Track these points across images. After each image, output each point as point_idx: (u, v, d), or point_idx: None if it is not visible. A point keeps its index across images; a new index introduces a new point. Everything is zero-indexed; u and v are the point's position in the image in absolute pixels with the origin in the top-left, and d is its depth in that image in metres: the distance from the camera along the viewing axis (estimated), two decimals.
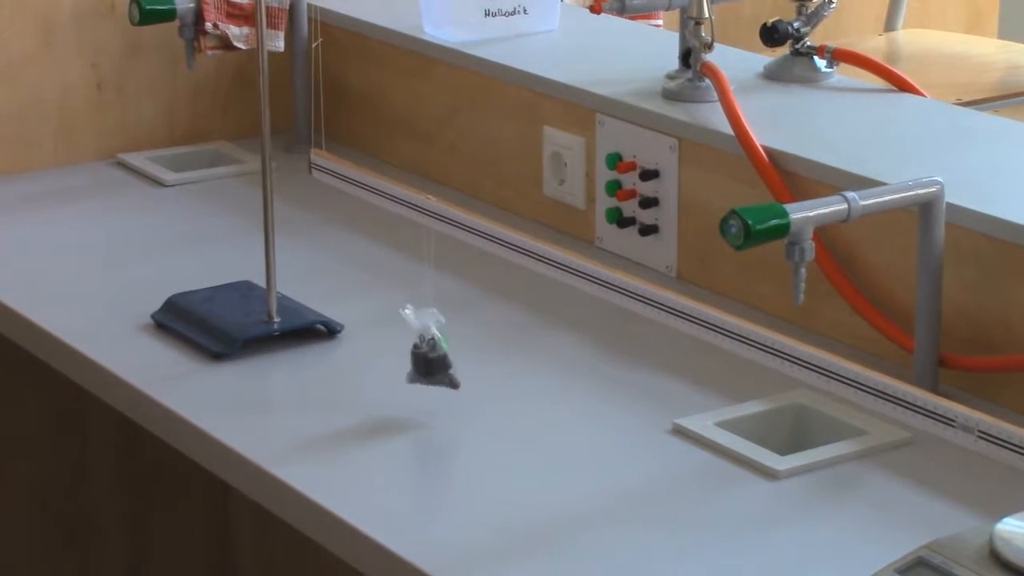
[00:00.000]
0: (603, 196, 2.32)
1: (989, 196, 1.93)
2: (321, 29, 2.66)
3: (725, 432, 1.83)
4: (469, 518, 1.71)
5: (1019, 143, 2.22)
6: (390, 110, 2.68)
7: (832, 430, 1.84)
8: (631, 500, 1.74)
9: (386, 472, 1.81)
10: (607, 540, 1.65)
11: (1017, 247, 1.87)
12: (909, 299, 1.93)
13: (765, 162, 2.09)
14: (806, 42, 2.36)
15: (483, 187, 2.51)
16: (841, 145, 2.12)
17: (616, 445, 1.85)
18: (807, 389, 1.93)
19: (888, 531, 1.62)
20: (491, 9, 2.59)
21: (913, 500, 1.71)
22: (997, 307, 1.90)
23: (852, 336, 2.02)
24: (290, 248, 2.17)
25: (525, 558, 1.63)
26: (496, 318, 2.14)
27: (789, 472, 1.76)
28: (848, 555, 1.53)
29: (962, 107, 2.49)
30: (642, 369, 2.00)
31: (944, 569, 1.35)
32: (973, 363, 1.91)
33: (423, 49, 2.60)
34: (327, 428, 1.87)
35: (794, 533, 1.67)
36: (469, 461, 1.85)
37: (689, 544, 1.65)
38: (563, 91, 2.38)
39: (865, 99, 2.33)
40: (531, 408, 1.93)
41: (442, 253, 2.31)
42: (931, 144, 2.17)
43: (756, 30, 2.38)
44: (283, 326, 2.06)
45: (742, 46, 2.45)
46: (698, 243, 2.21)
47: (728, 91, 2.17)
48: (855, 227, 1.92)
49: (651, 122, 2.26)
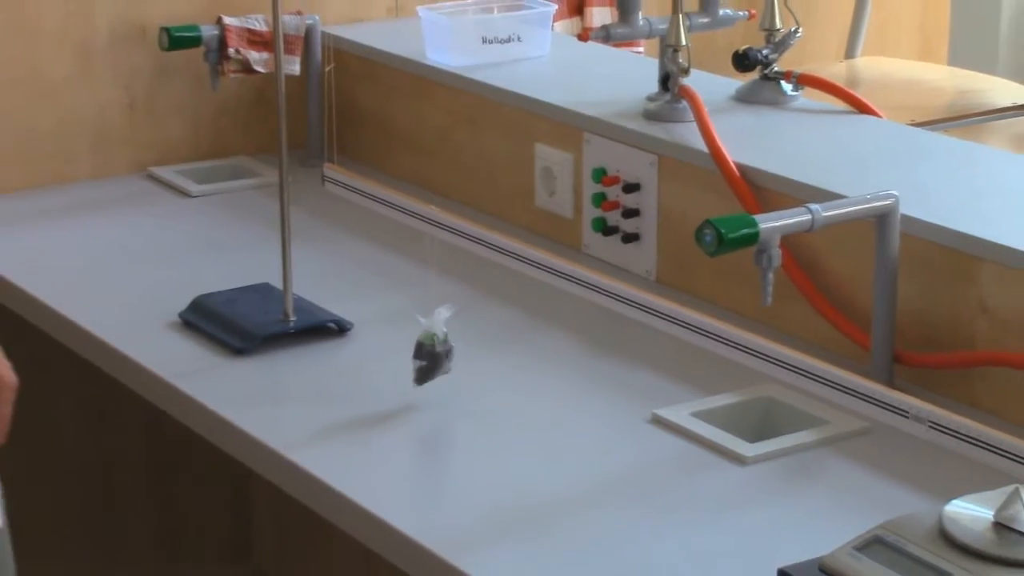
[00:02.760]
0: (589, 207, 2.32)
1: (939, 208, 1.94)
2: (333, 55, 2.66)
3: (700, 422, 1.83)
4: (467, 500, 1.71)
5: (967, 160, 2.22)
6: (396, 128, 2.68)
7: (797, 420, 1.85)
8: (614, 483, 1.74)
9: (392, 457, 1.81)
10: (592, 519, 1.66)
11: (964, 254, 1.87)
12: (867, 301, 1.93)
13: (736, 177, 2.10)
14: (774, 68, 2.37)
15: (480, 198, 2.51)
16: (805, 161, 2.12)
17: (601, 433, 1.85)
18: (774, 383, 1.93)
19: (847, 512, 1.62)
20: (487, 36, 2.59)
21: (870, 484, 1.71)
22: (946, 309, 1.90)
23: (815, 335, 2.02)
24: (305, 253, 2.17)
25: (518, 536, 1.63)
26: (492, 318, 2.14)
27: (757, 458, 1.76)
28: (811, 533, 1.54)
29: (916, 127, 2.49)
30: (624, 364, 2.00)
31: (898, 547, 1.35)
32: (925, 360, 1.91)
33: (426, 73, 2.61)
34: (339, 417, 1.87)
35: (762, 513, 1.67)
36: (467, 448, 1.85)
37: (666, 523, 1.65)
38: (553, 111, 2.39)
39: (828, 120, 2.34)
40: (524, 400, 1.93)
41: (443, 258, 2.31)
42: (887, 161, 2.18)
43: (729, 57, 2.38)
44: (298, 324, 2.06)
45: (716, 71, 2.46)
46: (676, 250, 2.21)
47: (703, 112, 2.17)
48: (818, 236, 1.92)
49: (633, 140, 2.26)
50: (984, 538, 1.34)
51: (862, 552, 1.35)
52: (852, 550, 1.36)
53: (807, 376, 1.91)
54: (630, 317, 2.12)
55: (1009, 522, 1.34)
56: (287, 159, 2.08)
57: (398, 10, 2.87)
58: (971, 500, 1.39)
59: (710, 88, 2.30)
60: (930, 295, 1.92)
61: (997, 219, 1.91)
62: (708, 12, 2.45)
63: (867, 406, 1.85)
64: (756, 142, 2.19)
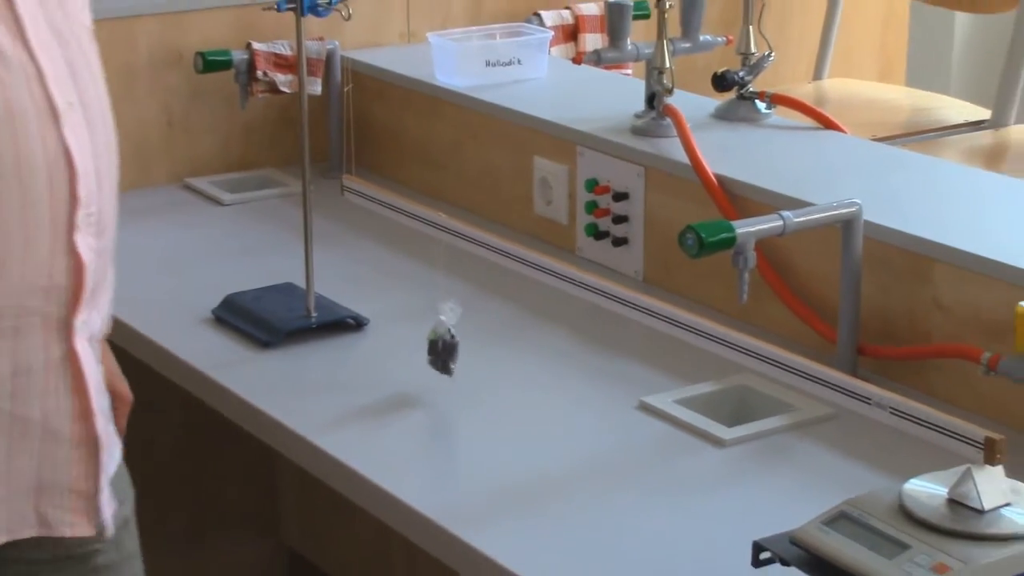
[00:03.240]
0: (583, 214, 2.32)
1: (899, 215, 1.94)
2: (351, 76, 2.67)
3: (682, 408, 1.83)
4: (472, 479, 1.71)
5: (924, 172, 2.22)
6: (408, 142, 2.68)
7: (770, 406, 1.84)
8: (605, 463, 1.74)
9: (405, 440, 1.81)
10: (585, 496, 1.66)
11: (921, 256, 1.87)
12: (833, 299, 1.93)
13: (715, 186, 2.10)
14: (749, 88, 2.37)
15: (484, 206, 2.51)
16: (778, 173, 2.12)
17: (593, 419, 1.85)
18: (750, 373, 1.93)
19: (816, 489, 1.62)
20: (491, 60, 2.59)
21: (836, 464, 1.71)
22: (905, 306, 1.90)
23: (786, 329, 2.02)
24: (325, 256, 2.17)
25: (518, 512, 1.63)
26: (494, 314, 2.14)
27: (734, 441, 1.76)
28: (783, 509, 1.53)
29: (877, 142, 2.49)
30: (614, 356, 2.00)
31: (861, 521, 1.34)
32: (886, 352, 1.91)
33: (435, 93, 2.60)
34: (356, 404, 1.87)
35: (738, 491, 1.67)
36: (472, 432, 1.84)
37: (652, 499, 1.65)
38: (550, 127, 2.38)
39: (798, 135, 2.33)
40: (523, 389, 1.93)
41: (450, 260, 2.31)
42: (851, 172, 2.17)
43: (708, 78, 2.38)
44: (319, 320, 2.06)
45: (697, 91, 2.45)
46: (661, 253, 2.21)
47: (686, 128, 2.17)
48: (789, 240, 1.92)
49: (622, 153, 2.26)
50: (939, 513, 1.34)
51: (829, 526, 1.35)
52: (820, 524, 1.36)
53: (779, 367, 1.91)
54: (619, 314, 2.12)
55: (962, 499, 1.34)
56: (309, 171, 2.08)
57: (410, 36, 2.87)
58: (928, 479, 1.38)
59: (691, 107, 2.30)
60: (890, 293, 1.91)
61: (950, 225, 1.91)
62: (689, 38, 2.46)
63: (833, 394, 1.85)
64: (733, 155, 2.19)
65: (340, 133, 2.69)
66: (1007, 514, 1.33)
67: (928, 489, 1.37)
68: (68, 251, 1.32)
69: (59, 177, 1.30)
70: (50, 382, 1.35)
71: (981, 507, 1.33)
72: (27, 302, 1.31)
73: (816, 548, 1.34)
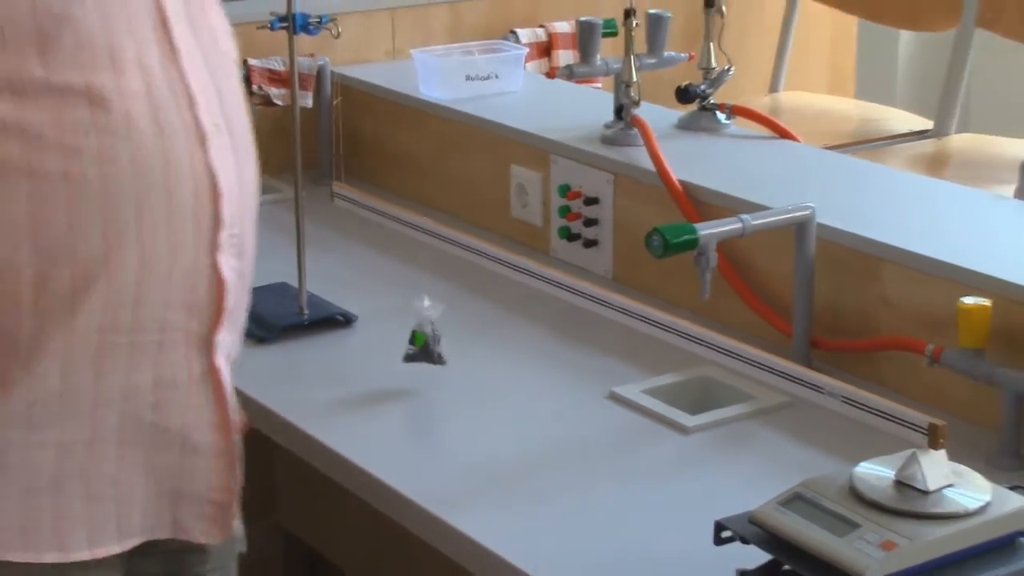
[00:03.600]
0: (556, 217, 2.31)
1: (849, 218, 1.94)
2: (341, 90, 2.66)
3: (649, 397, 1.83)
4: (453, 464, 1.71)
5: (872, 178, 2.22)
6: (393, 152, 2.67)
7: (730, 396, 1.84)
8: (578, 449, 1.73)
9: (391, 428, 1.81)
10: (560, 480, 1.65)
11: (870, 256, 1.87)
12: (788, 296, 1.93)
13: (679, 191, 2.09)
14: (710, 100, 2.37)
15: (465, 210, 2.51)
16: (737, 179, 2.12)
17: (566, 407, 1.85)
18: (712, 364, 1.93)
19: (772, 473, 1.62)
20: (471, 74, 2.59)
21: (792, 449, 1.71)
22: (855, 302, 1.90)
23: (745, 324, 2.02)
24: (316, 258, 2.16)
25: (496, 494, 1.62)
26: (475, 311, 2.13)
27: (697, 428, 1.76)
28: (742, 491, 1.53)
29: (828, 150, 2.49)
30: (586, 350, 2.00)
31: (815, 502, 1.34)
32: (837, 345, 1.91)
33: (419, 105, 2.60)
34: (346, 395, 1.87)
35: (701, 474, 1.67)
36: (454, 420, 1.84)
37: (622, 482, 1.65)
38: (525, 137, 2.38)
39: (755, 144, 2.34)
40: (501, 380, 1.93)
41: (434, 261, 2.31)
42: (805, 178, 2.18)
43: (672, 91, 2.38)
44: (311, 317, 2.05)
45: (662, 104, 2.45)
46: (629, 253, 2.21)
47: (651, 138, 2.17)
48: (748, 241, 1.92)
49: (593, 161, 2.25)
50: (887, 494, 1.34)
51: (785, 506, 1.35)
52: (777, 505, 1.36)
53: (739, 359, 1.91)
54: (591, 311, 2.12)
55: (908, 480, 1.34)
56: (301, 178, 2.07)
57: (395, 53, 2.86)
58: (876, 462, 1.38)
59: (657, 118, 2.30)
60: (841, 290, 1.92)
61: (897, 227, 1.91)
62: (655, 54, 2.46)
63: (789, 384, 1.85)
64: (695, 163, 2.18)
65: (330, 143, 2.69)
66: (949, 494, 1.34)
67: (877, 472, 1.37)
68: (211, 270, 1.29)
69: (204, 196, 1.27)
70: (192, 396, 1.32)
71: (926, 488, 1.33)
72: (170, 316, 1.27)
73: (773, 527, 1.34)
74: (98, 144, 1.20)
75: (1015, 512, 1.33)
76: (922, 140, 3.07)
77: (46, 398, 1.25)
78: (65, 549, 1.30)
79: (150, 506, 1.34)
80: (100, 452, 1.29)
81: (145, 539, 1.35)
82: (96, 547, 1.31)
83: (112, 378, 1.27)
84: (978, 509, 1.32)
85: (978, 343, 1.69)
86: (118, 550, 1.33)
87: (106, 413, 1.28)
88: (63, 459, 1.28)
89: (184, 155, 1.25)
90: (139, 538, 1.34)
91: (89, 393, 1.26)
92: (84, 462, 1.29)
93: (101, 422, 1.28)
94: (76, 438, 1.27)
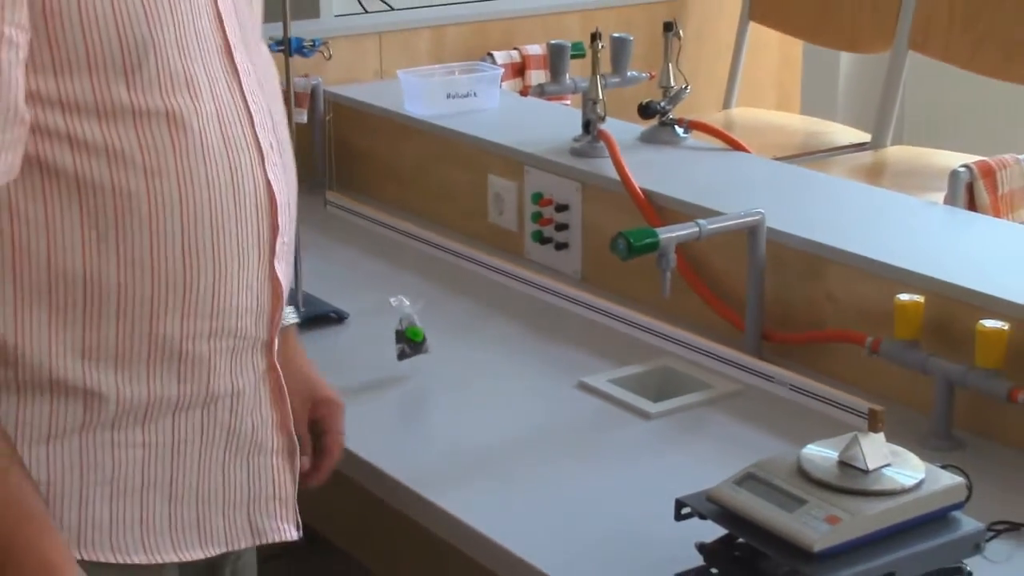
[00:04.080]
0: (529, 223, 2.31)
1: (796, 222, 1.94)
2: (332, 107, 2.65)
3: (615, 386, 1.82)
4: (436, 447, 1.70)
5: (816, 186, 2.22)
6: (381, 163, 2.66)
7: (689, 384, 1.84)
8: (550, 433, 1.73)
9: (380, 416, 1.80)
10: (532, 461, 1.65)
11: (815, 257, 1.87)
12: (741, 293, 1.93)
13: (642, 199, 2.09)
14: (670, 116, 2.36)
15: (446, 216, 2.50)
16: (694, 187, 2.12)
17: (539, 396, 1.84)
18: (671, 356, 1.92)
19: (728, 454, 1.62)
20: (451, 93, 2.58)
21: (745, 433, 1.71)
22: (802, 299, 1.90)
23: (702, 319, 2.02)
24: (311, 260, 2.15)
25: (476, 475, 1.62)
26: (456, 308, 2.13)
27: (659, 414, 1.75)
28: (700, 472, 1.53)
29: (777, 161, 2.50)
30: (557, 343, 1.99)
31: (766, 480, 1.34)
32: (786, 337, 1.91)
33: (404, 120, 2.59)
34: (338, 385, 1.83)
35: (662, 456, 1.66)
36: (437, 408, 1.83)
37: (590, 463, 1.65)
38: (501, 150, 2.37)
39: (710, 155, 2.33)
40: (480, 371, 1.92)
41: (418, 263, 2.30)
42: (756, 186, 2.17)
43: (635, 108, 2.38)
44: (307, 314, 2.04)
45: (625, 119, 2.45)
46: (596, 255, 2.20)
47: (616, 150, 2.16)
48: (704, 243, 1.92)
49: (563, 171, 2.25)
50: (831, 473, 1.33)
51: (739, 485, 1.35)
52: (732, 483, 1.35)
53: (696, 351, 1.91)
54: (561, 307, 2.11)
55: (850, 461, 1.34)
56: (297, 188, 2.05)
57: (383, 73, 2.85)
58: (821, 444, 1.38)
59: (621, 131, 2.30)
60: (789, 288, 1.91)
61: (839, 230, 1.91)
62: (619, 74, 2.46)
63: (742, 373, 1.84)
64: (656, 172, 2.18)
65: (323, 155, 2.67)
66: (888, 473, 1.33)
67: (822, 453, 1.37)
68: (270, 277, 1.28)
69: (264, 208, 1.25)
70: (258, 398, 1.30)
71: (866, 467, 1.33)
72: (240, 323, 1.25)
73: (729, 504, 1.34)
74: (177, 164, 1.19)
75: (947, 489, 1.33)
76: (861, 152, 3.08)
77: (134, 402, 1.22)
78: (151, 552, 1.26)
79: (229, 511, 1.31)
80: (182, 456, 1.26)
81: (228, 550, 1.31)
82: (182, 551, 1.28)
83: (193, 384, 1.24)
84: (913, 486, 1.32)
85: (912, 335, 1.69)
86: (202, 555, 1.29)
87: (188, 417, 1.25)
88: (149, 463, 1.24)
89: (248, 171, 1.24)
90: (223, 548, 1.30)
91: (172, 399, 1.23)
92: (168, 466, 1.25)
93: (183, 427, 1.25)
94: (162, 441, 1.25)
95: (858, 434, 1.36)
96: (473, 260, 2.27)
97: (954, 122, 3.81)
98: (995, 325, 1.62)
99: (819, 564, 1.26)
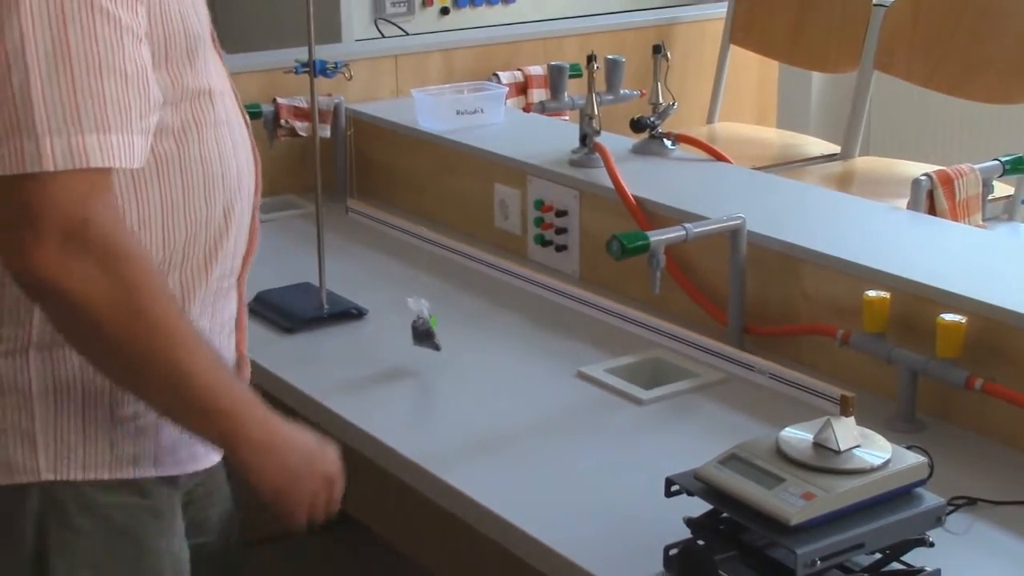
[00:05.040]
0: (532, 227, 2.30)
1: (774, 226, 1.93)
2: (353, 123, 2.65)
3: (610, 375, 1.82)
4: (448, 432, 1.69)
5: (792, 193, 2.22)
6: (398, 173, 2.66)
7: (678, 373, 1.84)
8: (550, 419, 1.72)
9: (396, 402, 1.79)
10: (534, 444, 1.64)
11: (791, 257, 1.87)
12: (724, 290, 1.93)
13: (634, 205, 2.09)
14: (659, 130, 2.36)
15: (456, 221, 2.49)
16: (681, 194, 2.11)
17: (541, 384, 1.84)
18: (662, 348, 1.92)
19: (713, 437, 1.62)
20: (460, 109, 2.58)
21: (728, 418, 1.71)
22: (779, 295, 1.90)
23: (689, 314, 2.01)
24: (334, 262, 2.15)
25: (482, 455, 1.62)
26: (465, 304, 2.12)
27: (651, 400, 1.75)
28: (687, 453, 1.52)
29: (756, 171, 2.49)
30: (558, 336, 1.99)
31: (748, 460, 1.34)
32: (765, 330, 1.90)
33: (418, 135, 2.58)
34: (358, 375, 1.85)
35: (654, 440, 1.66)
36: (447, 395, 1.83)
37: (588, 446, 1.64)
38: (506, 161, 2.37)
39: (696, 166, 2.33)
40: (487, 361, 1.91)
41: (430, 264, 2.29)
42: (737, 194, 2.17)
43: (628, 123, 2.37)
44: (330, 311, 2.04)
45: (618, 133, 2.44)
46: (592, 256, 2.20)
47: (611, 161, 2.16)
48: (691, 245, 1.91)
49: (562, 180, 2.24)
50: (807, 453, 1.33)
51: (724, 465, 1.34)
52: (717, 463, 1.35)
53: (684, 343, 1.90)
54: (561, 304, 2.11)
55: (824, 442, 1.34)
56: (321, 196, 2.06)
57: (398, 92, 2.85)
58: (798, 428, 1.38)
59: (615, 144, 2.29)
60: (768, 286, 1.91)
61: (813, 232, 1.91)
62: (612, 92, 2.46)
63: (726, 363, 1.84)
64: (647, 181, 2.18)
65: (345, 167, 2.67)
66: (858, 454, 1.33)
67: (798, 435, 1.36)
68: (251, 224, 1.37)
69: (254, 170, 1.36)
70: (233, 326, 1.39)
71: (838, 449, 1.32)
72: (235, 264, 1.35)
73: (714, 482, 1.33)
74: (216, 134, 1.28)
75: (911, 467, 1.33)
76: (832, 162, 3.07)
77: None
78: (198, 460, 1.35)
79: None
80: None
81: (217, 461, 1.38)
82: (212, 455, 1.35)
83: (222, 315, 1.35)
84: (881, 465, 1.32)
85: (879, 328, 1.69)
86: (218, 459, 1.36)
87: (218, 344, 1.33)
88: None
89: (244, 136, 1.35)
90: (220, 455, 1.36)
91: (213, 327, 1.33)
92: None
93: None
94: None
95: (831, 418, 1.36)
96: (480, 261, 2.27)
97: (916, 135, 3.81)
98: (954, 319, 1.61)
99: (796, 536, 1.25)
